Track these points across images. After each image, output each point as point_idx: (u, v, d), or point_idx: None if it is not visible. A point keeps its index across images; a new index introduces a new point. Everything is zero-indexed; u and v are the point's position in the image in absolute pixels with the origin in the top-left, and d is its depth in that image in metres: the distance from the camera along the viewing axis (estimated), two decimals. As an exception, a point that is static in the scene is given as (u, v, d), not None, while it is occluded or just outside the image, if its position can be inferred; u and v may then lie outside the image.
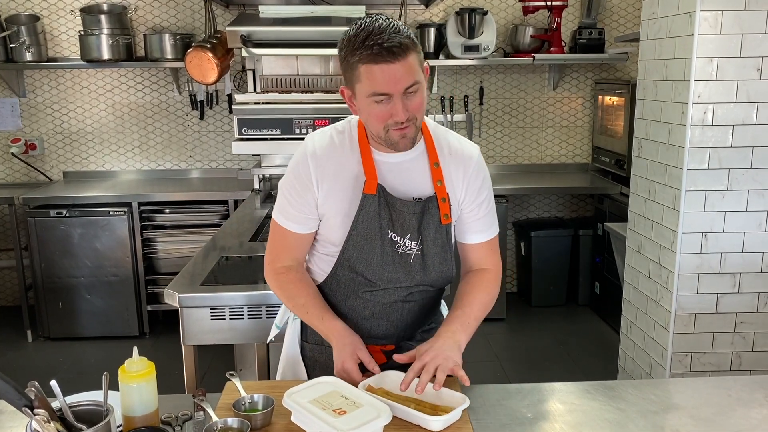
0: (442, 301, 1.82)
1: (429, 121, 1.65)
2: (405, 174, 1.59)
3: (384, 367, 1.55)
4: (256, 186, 4.00)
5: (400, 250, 1.57)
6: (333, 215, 1.58)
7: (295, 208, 1.60)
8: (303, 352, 1.71)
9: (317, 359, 1.69)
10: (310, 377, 1.67)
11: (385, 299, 1.62)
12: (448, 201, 1.59)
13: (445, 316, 1.80)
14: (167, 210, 4.40)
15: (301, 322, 1.71)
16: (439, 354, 1.44)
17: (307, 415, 1.32)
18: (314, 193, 1.57)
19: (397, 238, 1.57)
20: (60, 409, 1.22)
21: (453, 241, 1.66)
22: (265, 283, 2.40)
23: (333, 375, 1.52)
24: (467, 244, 1.68)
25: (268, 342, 1.91)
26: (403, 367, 1.55)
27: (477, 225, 1.66)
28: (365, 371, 1.53)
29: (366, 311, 1.63)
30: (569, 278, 4.81)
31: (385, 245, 1.56)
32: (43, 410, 1.16)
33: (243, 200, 4.10)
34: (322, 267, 1.65)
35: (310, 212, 1.59)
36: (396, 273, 1.58)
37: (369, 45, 1.39)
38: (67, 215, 4.17)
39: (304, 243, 1.64)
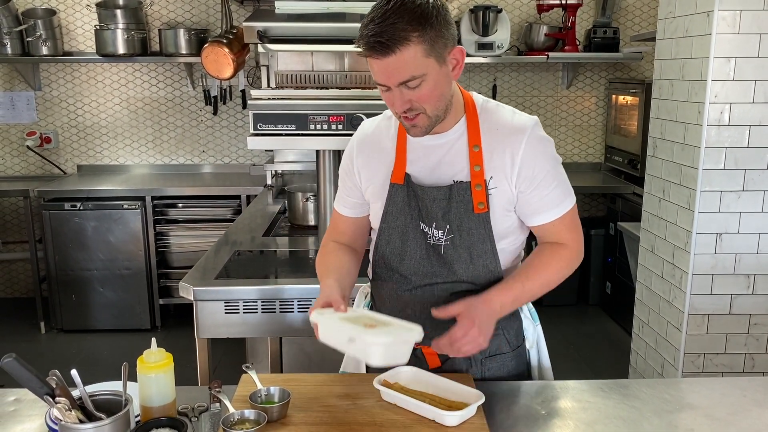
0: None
1: (478, 97, 1.52)
2: (441, 157, 1.49)
3: (436, 371, 1.50)
4: (269, 181, 4.01)
5: (432, 242, 1.49)
6: (373, 201, 1.58)
7: (343, 191, 1.64)
8: None
9: None
10: (368, 370, 1.66)
11: (425, 299, 1.51)
12: (485, 188, 1.45)
13: (523, 315, 1.66)
14: (180, 204, 4.42)
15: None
16: (472, 336, 1.34)
17: (337, 325, 1.31)
18: (355, 178, 1.59)
19: (426, 229, 1.50)
20: (80, 398, 1.23)
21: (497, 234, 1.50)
22: (276, 277, 2.44)
23: (386, 371, 1.48)
24: (535, 226, 1.53)
25: None
26: (418, 364, 1.55)
27: (544, 204, 1.49)
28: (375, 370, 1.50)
29: (407, 311, 1.54)
30: (580, 278, 4.80)
31: (417, 237, 1.50)
32: (64, 399, 1.17)
33: (255, 196, 4.12)
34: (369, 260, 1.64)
35: (354, 195, 1.61)
36: (431, 266, 1.50)
37: (364, 35, 1.30)
38: (81, 208, 4.21)
39: (350, 228, 1.65)
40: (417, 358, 1.55)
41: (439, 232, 1.49)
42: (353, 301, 1.78)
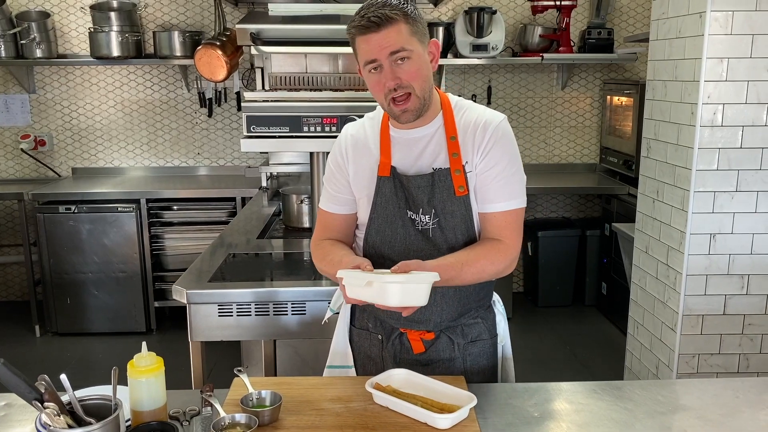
0: (496, 296, 1.78)
1: (453, 97, 1.66)
2: (422, 148, 1.60)
3: (422, 356, 1.62)
4: (264, 184, 4.01)
5: (420, 227, 1.59)
6: (360, 196, 1.65)
7: (331, 188, 1.69)
8: (351, 336, 1.75)
9: (362, 344, 1.72)
10: (356, 364, 1.73)
11: None
12: (464, 172, 1.56)
13: (496, 309, 1.76)
14: (175, 207, 4.41)
15: (351, 307, 1.74)
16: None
17: (359, 274, 1.37)
18: (345, 173, 1.65)
19: (414, 216, 1.59)
20: (69, 403, 1.22)
21: (476, 215, 1.61)
22: (272, 279, 2.44)
23: (377, 364, 1.58)
24: (484, 213, 1.60)
25: (323, 323, 1.91)
26: (412, 367, 1.55)
27: (493, 193, 1.58)
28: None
29: None
30: (576, 278, 4.80)
31: (406, 224, 1.60)
32: (53, 404, 1.17)
33: (250, 198, 4.11)
34: (358, 253, 1.69)
35: (344, 192, 1.67)
36: (420, 250, 1.58)
37: (356, 19, 1.48)
38: (76, 211, 4.20)
39: (341, 224, 1.69)
40: (401, 344, 1.65)
41: (426, 216, 1.59)
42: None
